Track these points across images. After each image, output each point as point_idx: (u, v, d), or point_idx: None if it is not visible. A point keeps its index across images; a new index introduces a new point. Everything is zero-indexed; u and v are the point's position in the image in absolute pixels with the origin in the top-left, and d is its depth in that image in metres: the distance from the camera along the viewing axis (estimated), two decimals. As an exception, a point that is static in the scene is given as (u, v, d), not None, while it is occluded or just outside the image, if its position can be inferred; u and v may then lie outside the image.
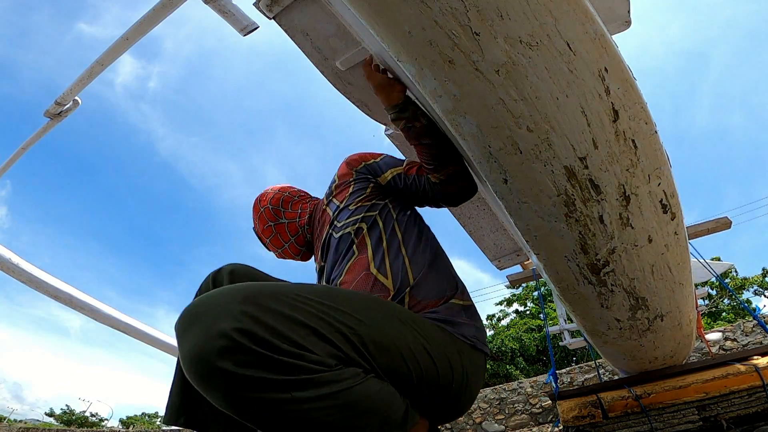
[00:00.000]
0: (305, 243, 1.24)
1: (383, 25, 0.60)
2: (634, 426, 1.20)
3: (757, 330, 4.97)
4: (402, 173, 1.06)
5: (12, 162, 2.08)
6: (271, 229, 1.25)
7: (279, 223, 1.25)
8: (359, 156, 1.14)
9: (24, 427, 12.72)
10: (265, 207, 1.26)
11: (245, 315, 0.52)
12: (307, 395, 0.52)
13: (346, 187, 1.09)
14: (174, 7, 1.51)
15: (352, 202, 1.04)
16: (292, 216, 1.25)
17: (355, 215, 1.01)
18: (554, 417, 5.37)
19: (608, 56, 0.60)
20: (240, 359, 0.49)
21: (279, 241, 1.25)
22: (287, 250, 1.25)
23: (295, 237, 1.23)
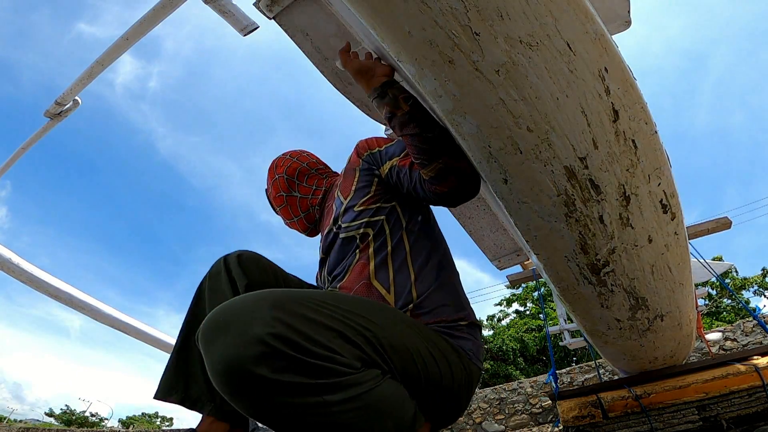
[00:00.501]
0: (314, 222, 1.21)
1: (383, 25, 0.60)
2: (634, 426, 1.20)
3: (757, 330, 4.97)
4: (396, 165, 0.95)
5: (12, 162, 2.08)
6: (282, 199, 1.22)
7: (291, 195, 1.21)
8: (368, 142, 1.06)
9: (24, 427, 12.72)
10: (280, 176, 1.22)
11: (277, 320, 0.52)
12: (337, 398, 0.52)
13: (351, 177, 1.04)
14: (174, 7, 1.51)
15: (356, 202, 0.98)
16: (306, 191, 1.21)
17: (360, 219, 0.95)
18: (554, 417, 5.37)
19: (608, 56, 0.60)
20: (277, 365, 0.49)
21: (288, 213, 1.22)
22: (295, 223, 1.23)
23: (305, 214, 1.20)
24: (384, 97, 0.88)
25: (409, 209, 0.98)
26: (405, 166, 0.93)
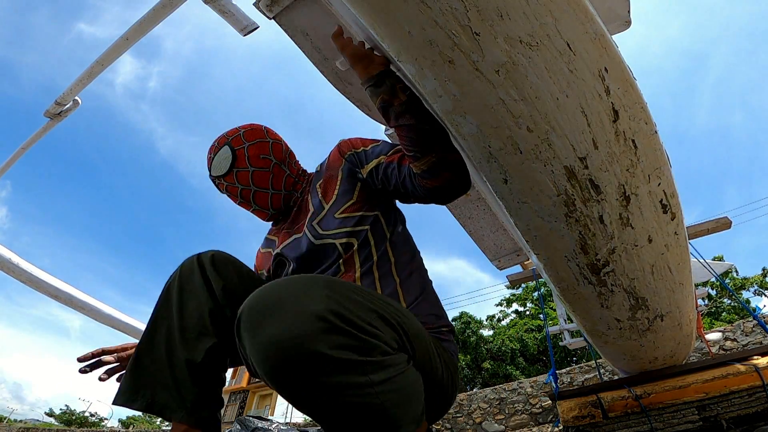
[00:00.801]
0: (288, 204, 1.06)
1: (383, 25, 0.60)
2: (634, 426, 1.20)
3: (757, 330, 4.97)
4: (384, 161, 0.92)
5: (12, 162, 2.08)
6: (268, 164, 1.03)
7: (281, 167, 1.06)
8: (351, 142, 1.02)
9: (24, 427, 12.72)
10: (276, 141, 1.08)
11: (331, 299, 0.53)
12: (379, 378, 0.53)
13: (333, 180, 0.99)
14: (174, 7, 1.51)
15: (338, 208, 0.94)
16: (294, 171, 1.08)
17: (343, 227, 0.91)
18: (554, 417, 5.37)
19: (608, 56, 0.60)
20: (335, 341, 0.50)
21: (266, 182, 1.03)
22: (267, 196, 1.03)
23: (287, 193, 1.05)
24: (380, 86, 0.85)
25: (391, 219, 0.97)
26: (394, 161, 0.91)
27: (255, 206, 1.05)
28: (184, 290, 0.79)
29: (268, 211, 1.06)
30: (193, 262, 0.82)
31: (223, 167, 1.02)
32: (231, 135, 1.05)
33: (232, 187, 1.03)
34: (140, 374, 0.72)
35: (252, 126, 1.08)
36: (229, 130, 1.08)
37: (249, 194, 1.03)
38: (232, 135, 1.05)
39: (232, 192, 1.04)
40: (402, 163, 0.89)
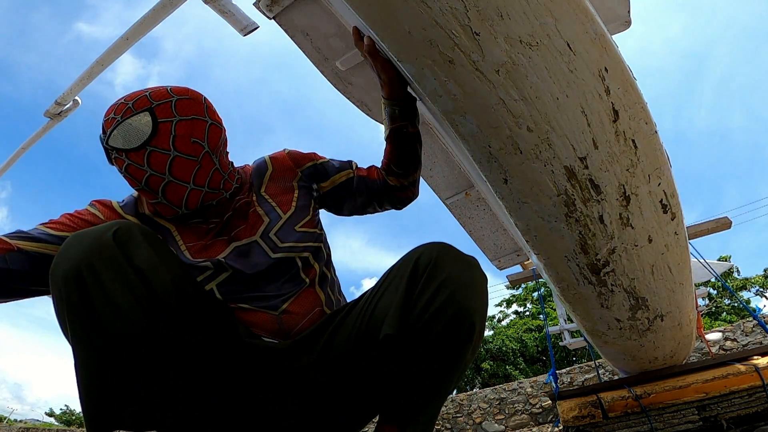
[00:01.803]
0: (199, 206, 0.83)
1: (383, 25, 0.60)
2: (634, 426, 1.20)
3: (757, 330, 4.97)
4: (353, 176, 1.01)
5: (12, 162, 2.08)
6: (197, 151, 0.79)
7: (212, 158, 0.82)
8: (305, 153, 0.99)
9: (24, 427, 12.73)
10: (216, 125, 0.84)
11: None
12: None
13: (288, 191, 0.93)
14: (174, 7, 1.51)
15: (298, 222, 0.89)
16: (224, 167, 0.86)
17: (303, 241, 0.87)
18: (554, 417, 5.37)
19: (608, 56, 0.60)
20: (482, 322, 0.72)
21: (188, 174, 0.79)
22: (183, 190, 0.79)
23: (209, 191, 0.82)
24: (407, 110, 0.96)
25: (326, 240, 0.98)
26: (364, 176, 1.02)
27: (163, 200, 0.80)
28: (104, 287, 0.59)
29: (179, 209, 0.81)
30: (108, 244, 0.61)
31: (134, 140, 0.75)
32: (158, 99, 0.78)
33: (136, 169, 0.77)
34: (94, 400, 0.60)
35: (189, 94, 0.82)
36: (154, 88, 0.81)
37: (159, 184, 0.78)
38: (160, 100, 0.78)
39: (134, 175, 0.77)
40: (371, 176, 1.02)
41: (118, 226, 0.64)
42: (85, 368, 0.60)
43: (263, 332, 0.77)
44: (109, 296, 0.59)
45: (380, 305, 0.71)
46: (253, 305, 0.78)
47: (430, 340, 0.67)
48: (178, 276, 0.68)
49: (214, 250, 0.82)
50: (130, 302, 0.60)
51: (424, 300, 0.67)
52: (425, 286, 0.68)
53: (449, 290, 0.67)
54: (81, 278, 0.59)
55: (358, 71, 1.45)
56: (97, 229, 0.63)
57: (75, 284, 0.59)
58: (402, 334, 0.67)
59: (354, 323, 0.74)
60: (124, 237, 0.63)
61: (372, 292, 0.76)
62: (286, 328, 0.78)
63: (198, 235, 0.84)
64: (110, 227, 0.63)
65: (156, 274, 0.63)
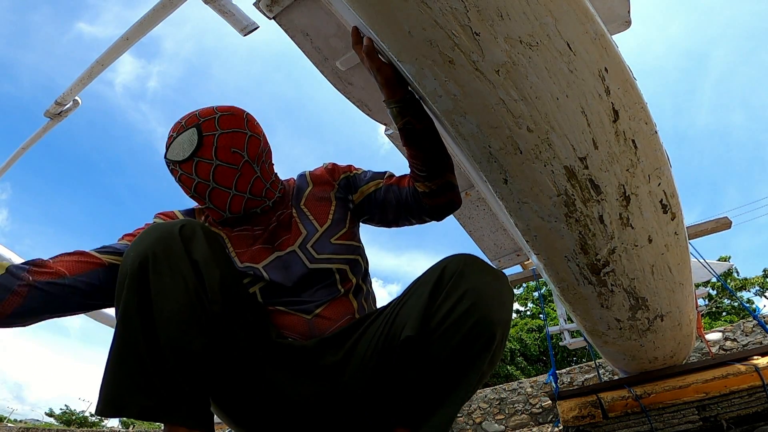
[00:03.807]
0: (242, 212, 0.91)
1: (383, 25, 0.60)
2: (634, 426, 1.20)
3: (757, 330, 4.97)
4: (382, 186, 0.98)
5: (12, 162, 2.08)
6: (238, 160, 0.87)
7: (252, 167, 0.89)
8: (342, 166, 1.03)
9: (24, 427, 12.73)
10: (255, 136, 0.91)
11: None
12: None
13: (326, 202, 0.97)
14: (174, 7, 1.51)
15: (334, 233, 0.93)
16: (266, 176, 0.93)
17: (339, 253, 0.90)
18: (554, 417, 5.37)
19: (608, 56, 0.60)
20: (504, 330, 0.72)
21: (230, 180, 0.87)
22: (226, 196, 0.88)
23: (250, 197, 0.90)
24: (409, 108, 0.89)
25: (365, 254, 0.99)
26: (393, 184, 0.97)
27: (210, 204, 0.90)
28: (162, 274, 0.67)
29: (224, 213, 0.90)
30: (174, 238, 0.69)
31: (184, 152, 0.86)
32: (204, 116, 0.89)
33: (187, 178, 0.87)
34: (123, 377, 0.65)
35: (233, 110, 0.91)
36: (203, 108, 0.91)
37: (206, 190, 0.87)
38: (206, 116, 0.89)
39: (185, 183, 0.88)
40: (401, 185, 0.96)
41: (184, 222, 0.72)
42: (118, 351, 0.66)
43: (294, 334, 0.82)
44: (163, 280, 0.67)
45: (404, 310, 0.75)
46: (288, 308, 0.85)
47: (450, 346, 0.68)
48: (227, 274, 0.75)
49: (258, 257, 0.89)
50: (180, 288, 0.68)
51: (446, 307, 0.69)
52: (449, 293, 0.70)
53: (472, 300, 0.68)
54: (145, 263, 0.67)
55: (358, 71, 1.45)
56: (167, 224, 0.72)
57: (139, 268, 0.67)
58: (422, 337, 0.70)
59: (379, 326, 0.78)
60: (188, 233, 0.71)
61: (398, 299, 0.79)
62: (316, 331, 0.82)
63: (245, 241, 0.92)
64: (178, 223, 0.72)
65: (208, 268, 0.71)
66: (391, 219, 1.00)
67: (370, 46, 0.89)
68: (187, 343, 0.67)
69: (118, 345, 0.66)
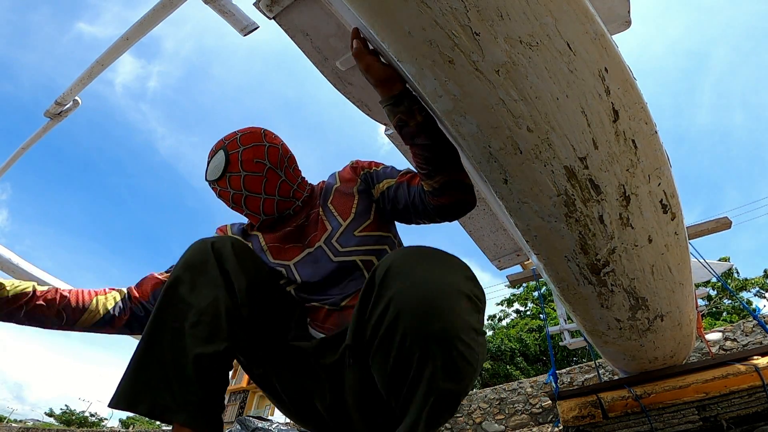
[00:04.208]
0: (282, 212, 1.01)
1: (383, 25, 0.60)
2: (634, 426, 1.20)
3: (757, 330, 4.97)
4: (393, 184, 0.98)
5: (12, 162, 2.08)
6: (261, 168, 0.98)
7: (276, 172, 1.00)
8: (365, 162, 1.07)
9: (24, 427, 12.73)
10: (273, 146, 1.02)
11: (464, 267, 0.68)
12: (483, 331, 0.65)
13: (349, 198, 1.01)
14: (174, 7, 1.51)
15: (357, 227, 0.96)
16: (292, 179, 1.03)
17: (363, 245, 0.93)
18: (554, 417, 5.37)
19: (608, 56, 0.60)
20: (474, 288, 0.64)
21: (259, 186, 0.98)
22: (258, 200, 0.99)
23: (280, 199, 0.99)
24: (399, 105, 0.88)
25: (399, 240, 1.01)
26: (404, 182, 0.97)
27: (247, 210, 1.01)
28: (196, 284, 0.75)
29: (260, 215, 1.01)
30: (207, 251, 0.78)
31: (217, 172, 1.00)
32: (228, 139, 1.03)
33: (224, 192, 1.01)
34: (141, 375, 0.70)
35: (251, 130, 1.04)
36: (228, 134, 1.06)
37: (240, 199, 1.00)
38: (229, 139, 1.03)
39: (224, 196, 1.02)
40: (411, 183, 0.96)
41: (216, 239, 0.82)
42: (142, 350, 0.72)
43: (327, 327, 0.87)
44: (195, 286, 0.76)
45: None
46: (321, 303, 0.90)
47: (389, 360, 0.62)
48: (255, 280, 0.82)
49: (290, 255, 0.98)
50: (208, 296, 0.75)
51: (375, 317, 0.64)
52: (376, 300, 0.65)
53: (397, 308, 0.61)
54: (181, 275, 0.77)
55: (358, 71, 1.45)
56: (202, 240, 0.83)
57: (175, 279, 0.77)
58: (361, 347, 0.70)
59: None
60: (219, 246, 0.80)
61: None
62: (347, 323, 0.82)
63: (279, 239, 1.01)
64: (211, 239, 0.82)
65: (237, 276, 0.78)
66: (405, 217, 1.00)
67: (359, 47, 0.92)
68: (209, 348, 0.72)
69: (143, 344, 0.72)
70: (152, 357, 0.71)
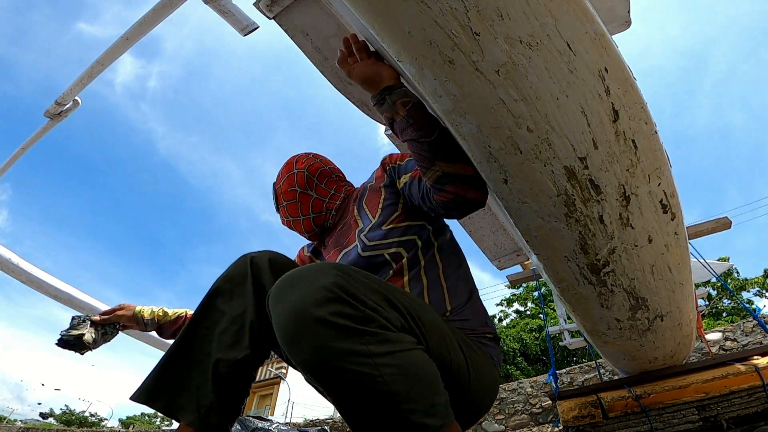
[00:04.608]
0: (321, 226, 1.13)
1: (383, 25, 0.60)
2: (634, 426, 1.20)
3: (757, 330, 4.97)
4: (408, 179, 0.97)
5: (12, 162, 2.08)
6: (294, 195, 1.13)
7: (306, 193, 1.13)
8: (392, 156, 1.07)
9: (24, 427, 12.73)
10: (300, 171, 1.15)
11: (339, 276, 0.61)
12: (380, 350, 0.57)
13: (378, 193, 1.03)
14: (174, 7, 1.51)
15: (384, 220, 0.97)
16: (323, 193, 1.14)
17: (390, 238, 0.94)
18: (554, 417, 5.37)
19: (608, 56, 0.60)
20: (334, 308, 0.57)
21: (296, 210, 1.13)
22: (299, 223, 1.13)
23: (315, 215, 1.12)
24: (383, 104, 0.88)
25: (437, 227, 0.99)
26: (416, 177, 0.94)
27: (299, 232, 1.16)
28: (233, 294, 0.79)
29: (307, 234, 1.16)
30: (246, 264, 0.81)
31: (275, 206, 1.19)
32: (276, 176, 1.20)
33: (283, 221, 1.18)
34: (166, 374, 0.74)
35: (287, 161, 1.20)
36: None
37: (291, 225, 1.16)
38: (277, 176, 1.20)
39: (286, 225, 1.18)
40: (421, 178, 0.92)
41: (256, 254, 0.85)
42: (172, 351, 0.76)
43: None
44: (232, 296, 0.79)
45: None
46: None
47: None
48: None
49: (333, 257, 1.04)
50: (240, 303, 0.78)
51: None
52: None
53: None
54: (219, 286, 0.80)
55: (358, 71, 1.45)
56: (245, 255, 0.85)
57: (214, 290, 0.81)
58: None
59: None
60: (257, 261, 0.83)
61: None
62: None
63: (329, 248, 1.10)
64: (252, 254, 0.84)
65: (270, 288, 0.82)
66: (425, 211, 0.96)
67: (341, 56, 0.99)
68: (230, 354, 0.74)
69: (174, 346, 0.76)
70: (178, 358, 0.75)
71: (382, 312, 0.61)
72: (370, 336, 0.57)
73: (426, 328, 0.68)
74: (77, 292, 2.11)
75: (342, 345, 0.55)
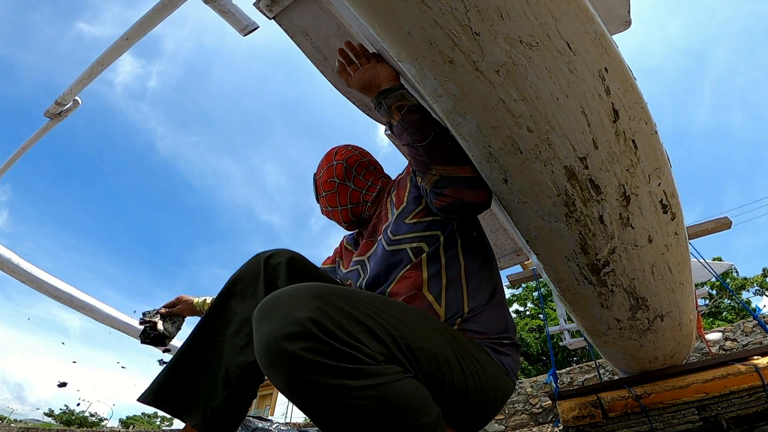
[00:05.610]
0: (359, 216, 1.14)
1: (383, 25, 0.60)
2: (634, 426, 1.20)
3: (757, 330, 4.97)
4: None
5: (12, 162, 2.08)
6: (333, 185, 1.15)
7: (344, 184, 1.15)
8: None
9: (24, 427, 12.74)
10: (339, 162, 1.17)
11: (317, 308, 0.58)
12: (356, 384, 0.56)
13: (404, 188, 1.03)
14: (174, 7, 1.51)
15: (408, 214, 0.96)
16: (361, 185, 1.15)
17: (413, 232, 0.92)
18: (554, 417, 5.37)
19: (608, 56, 0.60)
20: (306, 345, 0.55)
21: (335, 201, 1.15)
22: (338, 213, 1.15)
23: (352, 206, 1.14)
24: (380, 108, 0.89)
25: (464, 224, 0.95)
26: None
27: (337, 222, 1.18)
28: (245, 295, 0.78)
29: (345, 224, 1.18)
30: (259, 263, 0.81)
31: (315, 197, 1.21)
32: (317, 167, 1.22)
33: (323, 211, 1.20)
34: (175, 376, 0.74)
35: (327, 152, 1.22)
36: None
37: (329, 215, 1.18)
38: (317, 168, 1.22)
39: (325, 215, 1.20)
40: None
41: (273, 253, 0.85)
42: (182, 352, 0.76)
43: None
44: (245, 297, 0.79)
45: None
46: (378, 291, 0.93)
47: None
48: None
49: (365, 249, 1.05)
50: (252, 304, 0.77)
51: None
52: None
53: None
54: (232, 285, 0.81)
55: (358, 71, 1.44)
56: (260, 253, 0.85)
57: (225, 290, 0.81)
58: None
59: None
60: (273, 261, 0.83)
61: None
62: None
63: (365, 238, 1.09)
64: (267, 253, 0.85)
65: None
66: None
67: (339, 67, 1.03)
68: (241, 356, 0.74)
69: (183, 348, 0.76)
70: (188, 360, 0.75)
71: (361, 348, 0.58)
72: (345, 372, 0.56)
73: (415, 354, 0.65)
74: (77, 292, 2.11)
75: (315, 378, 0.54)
